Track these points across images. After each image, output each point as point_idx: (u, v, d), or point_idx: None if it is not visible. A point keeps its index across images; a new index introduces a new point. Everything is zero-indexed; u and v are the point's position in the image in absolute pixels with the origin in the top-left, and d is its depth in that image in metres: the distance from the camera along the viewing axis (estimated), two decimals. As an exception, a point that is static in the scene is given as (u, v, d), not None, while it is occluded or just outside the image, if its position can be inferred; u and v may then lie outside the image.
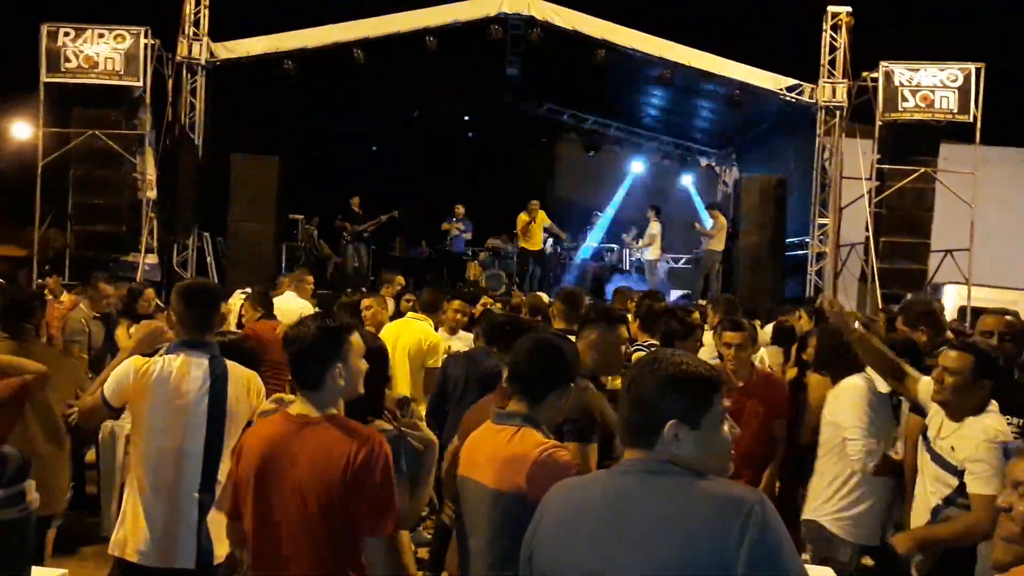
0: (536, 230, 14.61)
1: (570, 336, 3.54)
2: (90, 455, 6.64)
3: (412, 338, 6.16)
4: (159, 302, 7.83)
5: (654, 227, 14.76)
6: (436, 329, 6.60)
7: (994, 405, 3.54)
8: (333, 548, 2.52)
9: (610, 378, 3.93)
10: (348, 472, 2.47)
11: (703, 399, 1.87)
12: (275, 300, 7.15)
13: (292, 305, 7.41)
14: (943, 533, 3.54)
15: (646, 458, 1.87)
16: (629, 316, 5.86)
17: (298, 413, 2.63)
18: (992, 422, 3.45)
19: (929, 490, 3.59)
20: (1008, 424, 3.64)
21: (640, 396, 1.89)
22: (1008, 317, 4.06)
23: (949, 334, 4.90)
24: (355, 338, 2.70)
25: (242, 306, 7.09)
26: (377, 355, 3.30)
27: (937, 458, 3.57)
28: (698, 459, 1.85)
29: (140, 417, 3.36)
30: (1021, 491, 2.15)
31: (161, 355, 3.43)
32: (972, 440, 3.40)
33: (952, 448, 3.49)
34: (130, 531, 3.31)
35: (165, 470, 3.30)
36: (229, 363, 3.43)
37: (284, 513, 2.55)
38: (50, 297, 9.26)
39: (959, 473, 3.43)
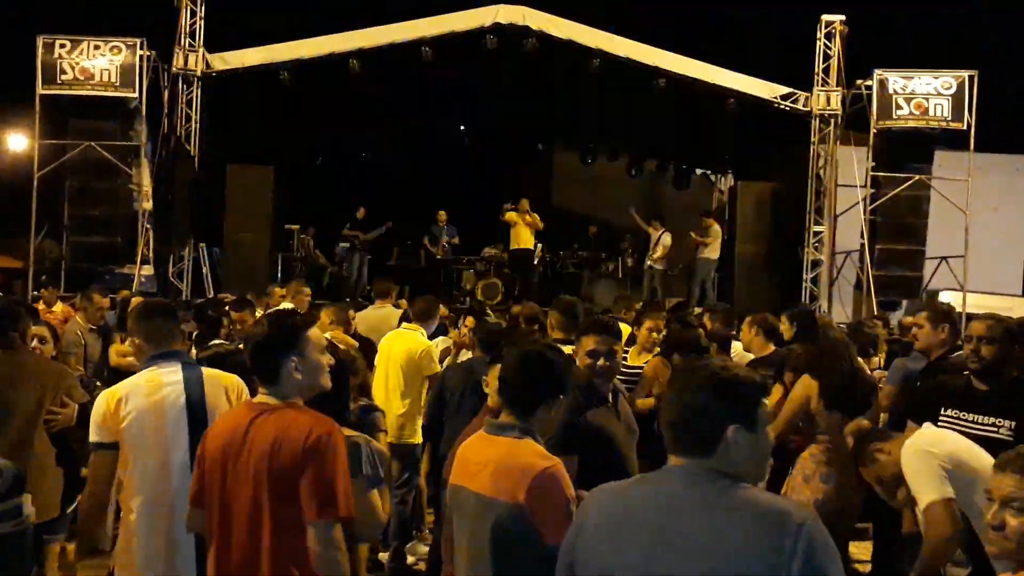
0: (525, 230, 14.31)
1: (566, 347, 3.54)
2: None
3: (402, 348, 6.08)
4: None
5: (667, 238, 14.14)
6: (431, 338, 6.55)
7: (910, 425, 3.68)
8: (283, 533, 2.53)
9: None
10: (302, 451, 2.50)
11: (755, 401, 1.89)
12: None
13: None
14: (926, 560, 3.42)
15: (695, 465, 1.87)
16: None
17: (258, 402, 2.69)
18: (909, 439, 3.40)
19: None
20: (999, 426, 3.68)
21: (690, 403, 1.89)
22: (990, 321, 4.00)
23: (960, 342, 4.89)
24: (313, 333, 2.73)
25: None
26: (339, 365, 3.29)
27: None
28: (749, 461, 1.87)
29: (123, 440, 3.26)
30: (1015, 506, 2.14)
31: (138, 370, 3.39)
32: (902, 462, 3.34)
33: None
34: (128, 552, 3.24)
35: (157, 485, 3.22)
36: (205, 368, 3.39)
37: (241, 497, 2.58)
38: (43, 307, 9.27)
39: None
